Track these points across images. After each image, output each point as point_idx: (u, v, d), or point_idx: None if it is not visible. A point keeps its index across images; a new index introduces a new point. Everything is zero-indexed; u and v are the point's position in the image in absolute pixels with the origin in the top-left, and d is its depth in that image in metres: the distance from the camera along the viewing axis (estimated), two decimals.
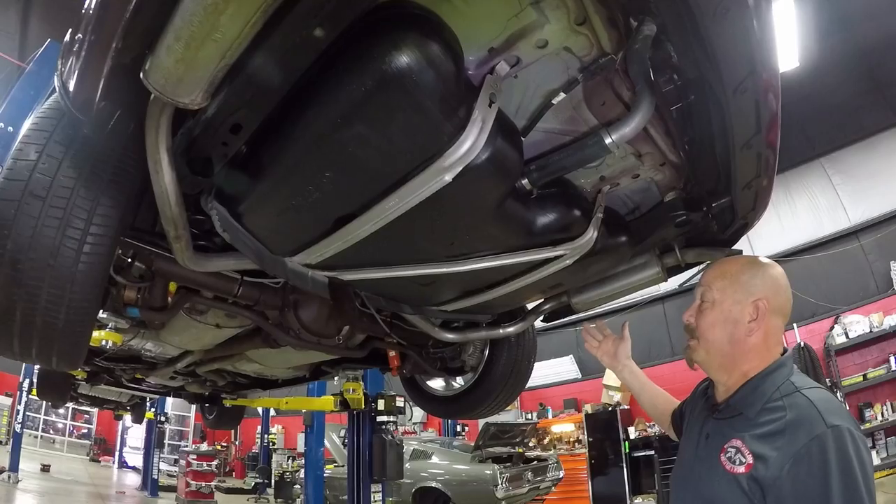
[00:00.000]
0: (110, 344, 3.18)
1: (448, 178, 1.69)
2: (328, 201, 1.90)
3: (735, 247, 2.68)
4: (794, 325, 13.39)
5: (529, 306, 3.51)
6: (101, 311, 2.65)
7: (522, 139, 1.87)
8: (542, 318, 3.49)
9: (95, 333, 3.44)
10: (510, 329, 3.45)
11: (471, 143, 1.61)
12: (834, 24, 11.88)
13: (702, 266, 2.62)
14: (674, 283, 15.48)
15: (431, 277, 2.47)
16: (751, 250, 11.41)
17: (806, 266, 13.69)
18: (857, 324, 12.55)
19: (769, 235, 13.87)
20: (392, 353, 4.05)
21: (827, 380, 12.51)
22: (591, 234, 2.23)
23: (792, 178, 13.97)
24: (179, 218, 1.88)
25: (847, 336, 12.60)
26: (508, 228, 2.12)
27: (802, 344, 13.10)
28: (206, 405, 8.31)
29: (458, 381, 4.48)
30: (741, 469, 1.59)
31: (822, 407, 1.53)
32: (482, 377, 4.05)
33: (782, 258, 13.80)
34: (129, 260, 2.37)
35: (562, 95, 1.78)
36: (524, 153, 1.88)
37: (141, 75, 1.33)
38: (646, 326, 15.41)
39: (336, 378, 7.31)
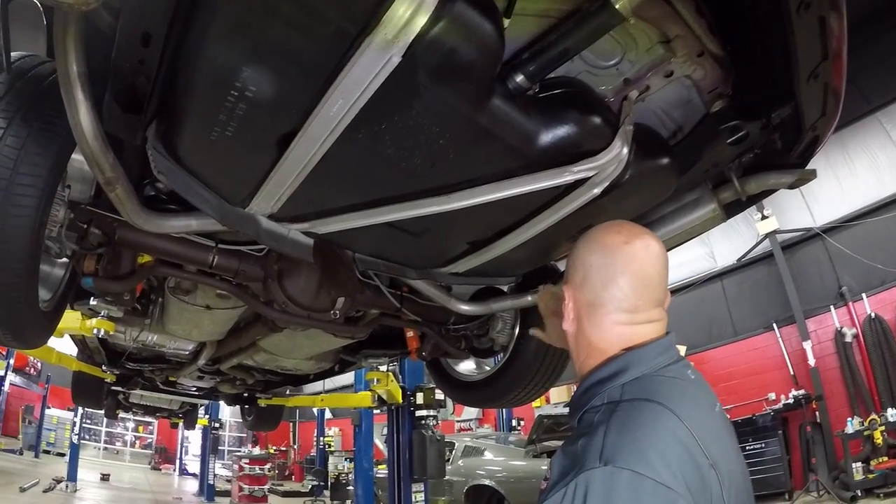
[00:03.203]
0: (102, 332, 3.30)
1: (396, 58, 1.29)
2: (257, 114, 1.53)
3: (809, 167, 2.15)
4: (864, 294, 12.58)
5: (562, 266, 3.00)
6: (91, 300, 2.69)
7: (505, 20, 1.42)
8: None
9: (89, 322, 3.36)
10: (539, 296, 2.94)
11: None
12: None
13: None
14: (731, 257, 14.90)
15: (421, 224, 2.06)
16: (811, 218, 10.80)
17: (871, 230, 12.67)
18: None
19: (829, 201, 13.07)
20: (410, 334, 3.65)
21: None
22: (620, 149, 1.79)
23: (848, 136, 12.80)
24: (102, 157, 1.62)
25: None
26: (503, 140, 1.67)
27: (873, 315, 12.30)
28: (245, 406, 8.28)
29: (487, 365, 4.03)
30: (542, 486, 1.21)
31: (612, 435, 1.12)
32: (514, 357, 3.49)
33: (844, 224, 13.01)
34: (85, 226, 2.18)
35: None
36: (514, 45, 1.54)
37: None
38: (705, 306, 14.67)
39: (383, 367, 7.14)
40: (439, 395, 7.69)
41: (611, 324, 1.33)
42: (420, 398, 7.49)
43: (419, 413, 7.56)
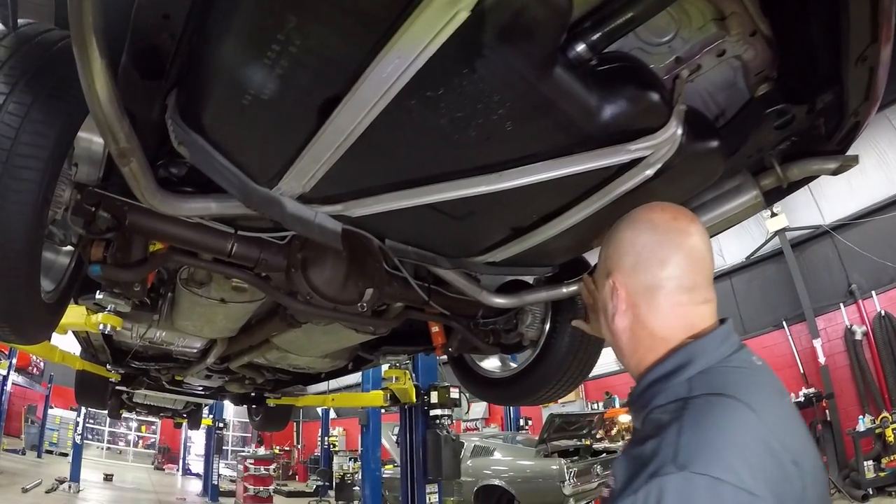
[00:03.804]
0: (108, 328, 3.09)
1: (464, 13, 1.16)
2: (300, 73, 1.37)
3: (849, 152, 2.11)
4: (873, 292, 12.66)
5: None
6: (98, 293, 2.51)
7: None
8: None
9: (94, 317, 3.21)
10: (576, 287, 2.81)
11: None
12: None
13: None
14: (740, 255, 14.87)
15: (467, 206, 1.93)
16: (820, 216, 10.75)
17: (880, 228, 12.72)
18: None
19: (837, 198, 13.11)
20: (435, 329, 3.48)
21: None
22: (675, 129, 1.71)
23: None
24: (117, 123, 1.44)
25: None
26: (563, 113, 1.57)
27: (883, 313, 12.36)
28: (253, 406, 8.16)
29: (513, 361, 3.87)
30: (605, 494, 1.14)
31: (686, 436, 1.01)
32: (544, 353, 3.35)
33: (853, 221, 12.99)
34: (93, 209, 1.99)
35: None
36: (576, 12, 1.41)
37: None
38: None
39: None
40: (454, 393, 7.55)
41: (671, 306, 1.24)
42: (434, 397, 7.34)
43: (433, 412, 7.42)
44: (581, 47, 1.46)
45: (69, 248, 2.29)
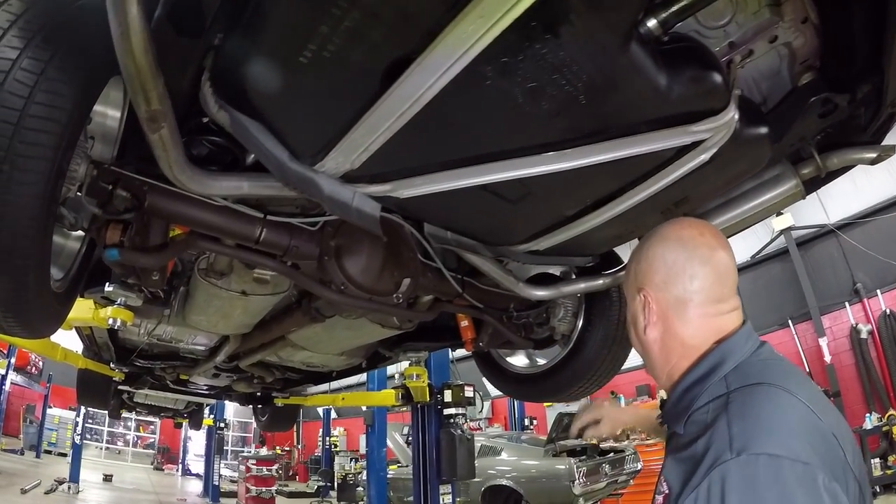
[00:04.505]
0: (119, 323, 2.91)
1: None
2: (372, 28, 1.23)
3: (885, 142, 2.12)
4: (878, 291, 12.87)
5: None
6: (107, 285, 2.43)
7: None
8: None
9: (103, 312, 3.05)
10: (612, 279, 2.74)
11: None
12: None
13: None
14: (745, 254, 14.91)
15: (524, 187, 1.85)
16: (825, 215, 10.75)
17: (885, 227, 12.92)
18: None
19: (842, 197, 13.22)
20: (465, 323, 3.35)
21: None
22: (734, 113, 1.70)
23: None
24: (151, 80, 1.29)
25: None
26: (636, 89, 1.53)
27: (888, 312, 12.60)
28: (259, 406, 8.05)
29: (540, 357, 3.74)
30: (659, 501, 1.24)
31: (737, 424, 1.12)
32: (577, 348, 3.25)
33: (858, 220, 13.14)
34: (110, 187, 1.81)
35: None
36: None
37: None
38: None
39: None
40: (468, 391, 7.42)
41: (701, 317, 1.33)
42: (448, 396, 7.21)
43: (447, 411, 7.29)
44: (653, 23, 1.43)
45: (79, 233, 2.09)
